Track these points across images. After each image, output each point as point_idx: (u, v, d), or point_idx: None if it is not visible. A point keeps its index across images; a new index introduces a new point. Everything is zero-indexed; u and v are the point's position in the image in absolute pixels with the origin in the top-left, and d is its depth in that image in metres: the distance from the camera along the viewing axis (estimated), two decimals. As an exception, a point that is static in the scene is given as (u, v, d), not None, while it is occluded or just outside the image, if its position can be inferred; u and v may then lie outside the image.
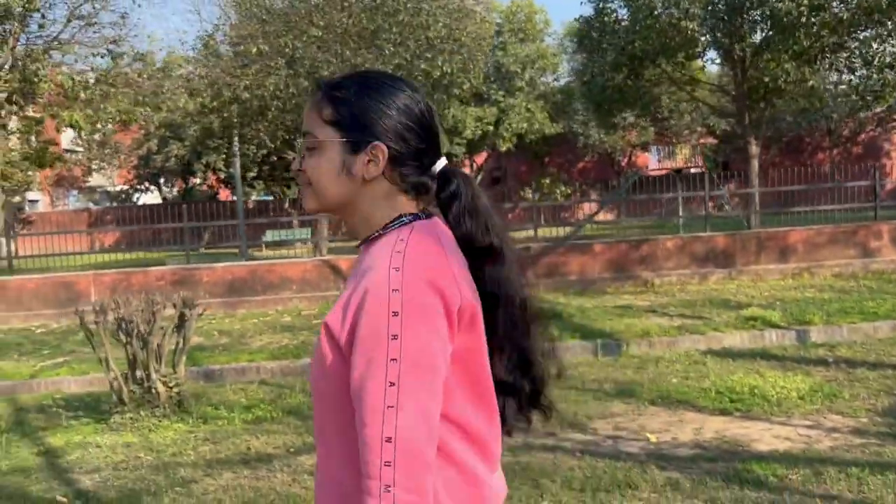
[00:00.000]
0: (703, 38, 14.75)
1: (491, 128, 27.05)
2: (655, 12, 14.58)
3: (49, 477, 4.96)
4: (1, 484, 4.87)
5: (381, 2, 13.20)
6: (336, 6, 13.50)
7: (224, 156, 25.32)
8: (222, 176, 25.86)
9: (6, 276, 12.70)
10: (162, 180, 30.74)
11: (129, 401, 5.95)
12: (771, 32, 14.55)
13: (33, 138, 17.19)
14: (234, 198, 30.61)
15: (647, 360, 7.62)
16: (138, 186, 31.96)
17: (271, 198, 29.82)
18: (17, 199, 31.51)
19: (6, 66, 14.44)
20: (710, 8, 14.47)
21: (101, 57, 15.47)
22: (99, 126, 15.56)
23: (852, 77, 14.90)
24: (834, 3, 13.26)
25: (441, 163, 1.33)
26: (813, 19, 13.29)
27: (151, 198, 33.67)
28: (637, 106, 17.56)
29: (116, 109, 15.11)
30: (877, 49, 14.01)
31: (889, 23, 14.12)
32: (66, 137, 26.42)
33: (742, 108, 16.23)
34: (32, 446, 5.70)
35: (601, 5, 16.78)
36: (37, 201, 33.28)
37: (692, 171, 29.82)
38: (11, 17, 14.42)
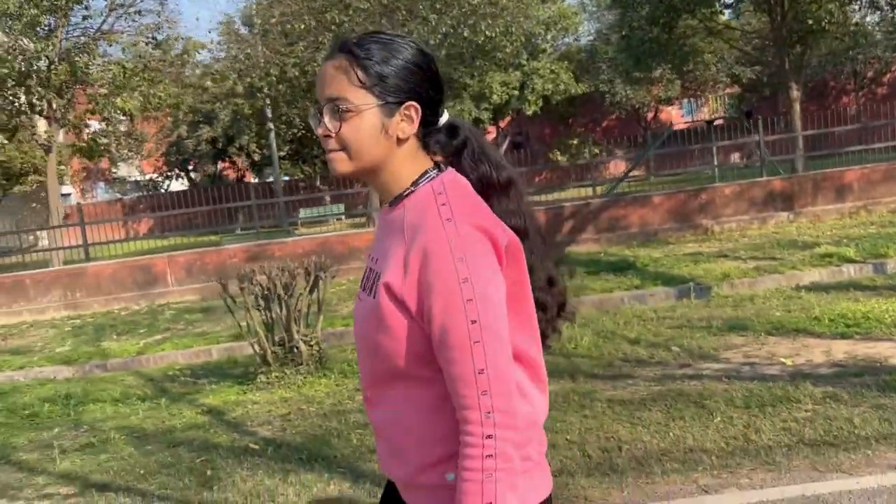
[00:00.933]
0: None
1: (516, 92, 27.13)
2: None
3: (226, 430, 5.32)
4: (186, 437, 5.23)
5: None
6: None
7: (256, 137, 25.55)
8: (256, 158, 26.12)
9: (83, 263, 13.06)
10: (191, 166, 31.02)
11: (272, 361, 6.29)
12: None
13: (83, 131, 17.49)
14: (262, 180, 30.94)
15: (741, 299, 7.89)
16: (168, 173, 32.27)
17: (287, 178, 29.96)
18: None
19: (56, 60, 14.69)
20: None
21: (146, 44, 15.68)
22: (149, 112, 15.83)
23: (893, 15, 14.93)
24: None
25: (445, 115, 1.41)
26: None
27: (178, 185, 34.00)
28: (676, 58, 17.63)
29: (167, 94, 15.37)
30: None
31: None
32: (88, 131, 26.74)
33: (781, 54, 16.30)
34: (191, 408, 6.06)
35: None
36: (69, 195, 33.65)
37: (722, 121, 29.83)
38: (58, 9, 14.64)
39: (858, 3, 15.07)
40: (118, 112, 15.24)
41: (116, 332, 10.38)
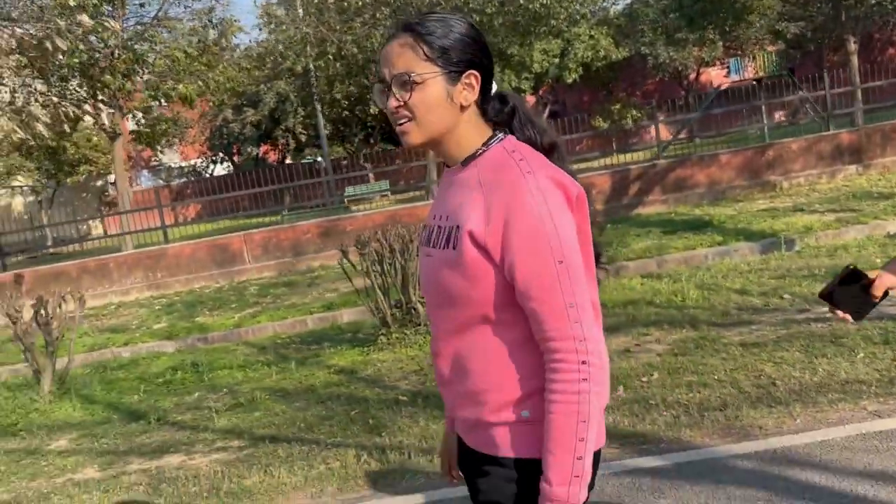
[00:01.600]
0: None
1: (556, 60, 27.03)
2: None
3: (366, 386, 5.59)
4: (329, 394, 5.52)
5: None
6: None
7: (303, 118, 25.79)
8: (303, 139, 26.40)
9: (161, 245, 13.46)
10: (234, 150, 31.43)
11: (391, 323, 6.55)
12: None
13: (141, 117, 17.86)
14: (300, 160, 31.28)
15: (834, 249, 7.99)
16: (214, 158, 32.72)
17: (330, 158, 30.15)
18: (100, 182, 32.56)
19: (118, 48, 15.00)
20: None
21: (203, 28, 15.93)
22: (210, 97, 16.12)
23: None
24: None
25: (495, 85, 1.52)
26: None
27: (221, 170, 34.46)
28: (728, 16, 17.50)
29: (226, 77, 15.65)
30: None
31: None
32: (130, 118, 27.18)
33: (837, 7, 16.11)
34: (321, 369, 6.35)
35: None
36: (114, 183, 34.28)
37: (763, 80, 29.47)
38: (115, -1, 14.93)
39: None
40: (179, 98, 15.54)
41: (207, 308, 10.74)
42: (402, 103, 1.42)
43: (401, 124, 1.44)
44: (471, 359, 1.45)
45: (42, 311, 6.32)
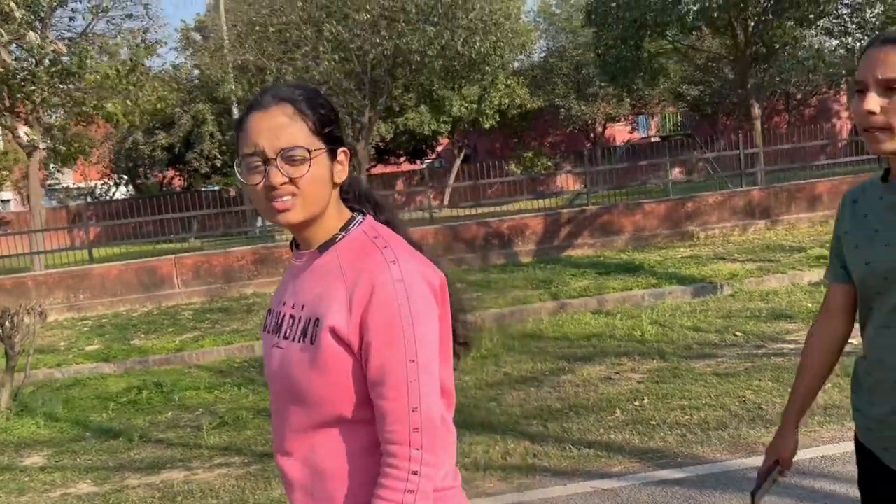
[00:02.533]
0: (713, 6, 15.87)
1: (475, 105, 27.87)
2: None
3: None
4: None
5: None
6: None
7: (218, 143, 25.45)
8: (218, 164, 25.95)
9: (87, 265, 12.95)
10: (139, 173, 30.48)
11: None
12: (775, 0, 15.85)
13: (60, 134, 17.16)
14: (206, 188, 30.63)
15: (765, 293, 8.68)
16: (118, 180, 31.60)
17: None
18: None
19: (46, 61, 14.51)
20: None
21: (138, 46, 15.61)
22: (133, 118, 15.70)
23: (845, 39, 16.35)
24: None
25: None
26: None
27: (120, 193, 33.28)
28: (647, 75, 18.69)
29: (157, 97, 15.34)
30: (870, 13, 15.46)
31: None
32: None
33: (744, 74, 17.51)
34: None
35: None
36: (9, 201, 32.50)
37: (660, 139, 31.35)
38: (42, 9, 14.50)
39: (815, 28, 16.40)
40: (104, 117, 15.11)
41: (141, 331, 10.44)
42: (287, 180, 1.32)
43: (281, 200, 1.33)
44: (328, 459, 1.36)
45: (7, 323, 6.07)
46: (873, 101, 1.51)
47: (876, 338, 1.66)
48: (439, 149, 36.57)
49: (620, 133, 34.49)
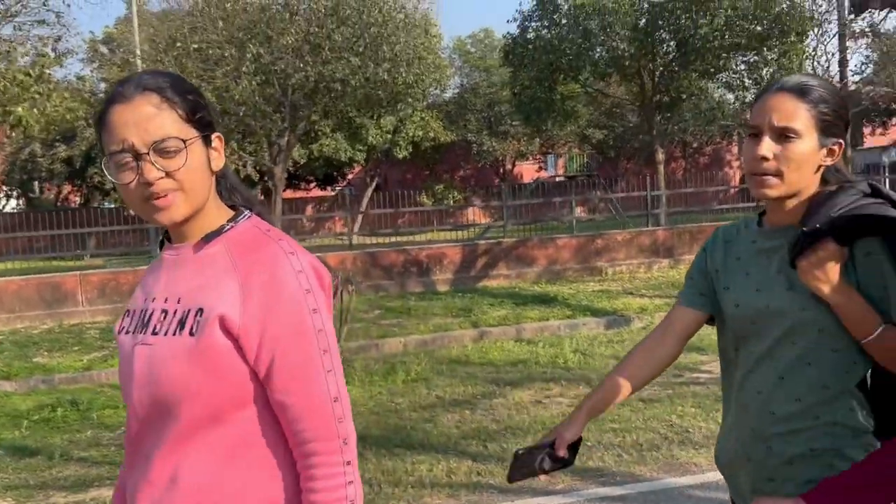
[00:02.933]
0: (624, 54, 16.71)
1: (390, 136, 28.10)
2: (577, 30, 16.53)
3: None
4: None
5: (361, 14, 14.03)
6: (311, 16, 14.16)
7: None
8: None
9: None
10: (36, 186, 29.06)
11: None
12: (682, 52, 16.83)
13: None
14: (100, 205, 29.53)
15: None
16: (8, 193, 29.99)
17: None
18: None
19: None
20: (631, 30, 16.52)
21: (43, 56, 15.00)
22: (41, 126, 15.04)
23: (742, 93, 17.51)
24: (740, 25, 15.74)
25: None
26: (719, 42, 15.74)
27: (12, 207, 31.60)
28: (560, 116, 19.39)
29: (66, 108, 14.76)
30: (766, 70, 16.65)
31: (769, 51, 16.83)
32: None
33: (650, 121, 18.44)
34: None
35: (525, 24, 18.49)
36: None
37: (564, 178, 32.42)
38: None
39: (716, 81, 17.52)
40: (15, 122, 14.41)
41: (43, 349, 9.96)
42: (163, 174, 1.23)
43: (161, 197, 1.24)
44: (198, 472, 1.24)
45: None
46: (766, 147, 1.53)
47: (744, 382, 1.63)
48: (350, 176, 36.57)
49: (528, 171, 35.44)
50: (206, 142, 1.29)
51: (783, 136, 1.52)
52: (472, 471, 4.42)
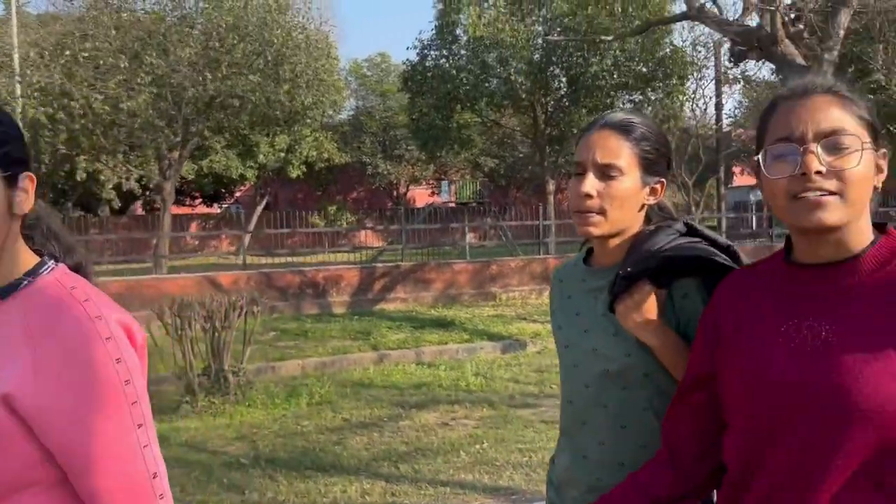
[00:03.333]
0: (520, 87, 17.32)
1: (283, 155, 27.77)
2: (475, 61, 17.02)
3: (190, 452, 5.49)
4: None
5: (262, 31, 13.93)
6: (211, 30, 13.96)
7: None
8: None
9: None
10: None
11: (199, 390, 6.46)
12: (573, 89, 17.61)
13: None
14: None
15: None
16: None
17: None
18: None
19: None
20: (527, 64, 17.16)
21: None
22: None
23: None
24: (629, 66, 16.63)
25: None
26: (608, 80, 16.58)
27: None
28: (456, 144, 19.79)
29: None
30: (650, 110, 17.64)
31: (653, 92, 17.88)
32: None
33: (542, 152, 19.13)
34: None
35: (424, 52, 18.86)
36: None
37: (454, 204, 33.01)
38: None
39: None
40: None
41: None
42: None
43: None
44: None
45: None
46: (590, 185, 1.49)
47: (582, 428, 1.57)
48: (238, 194, 35.81)
49: (421, 196, 35.81)
50: (10, 182, 1.12)
51: (606, 173, 1.50)
52: (386, 491, 4.48)
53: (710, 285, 1.42)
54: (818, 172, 1.10)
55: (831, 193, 1.10)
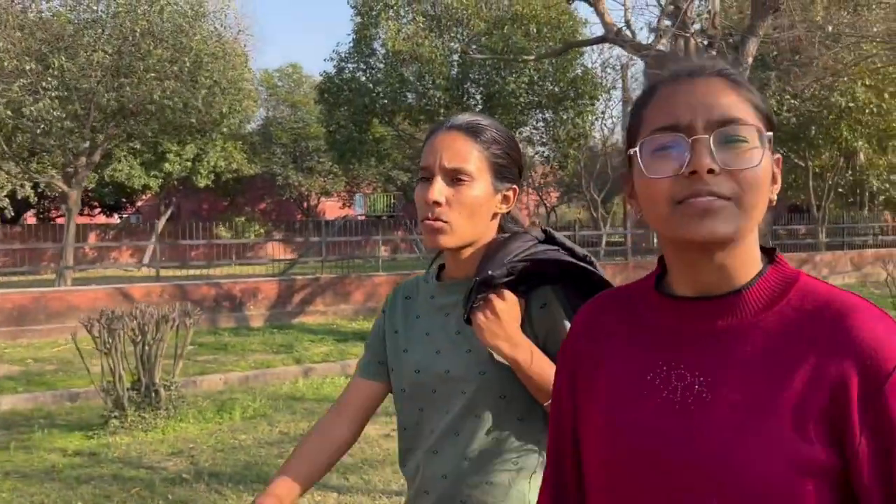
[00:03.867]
0: (438, 102, 17.53)
1: (189, 164, 27.07)
2: (393, 75, 17.13)
3: (125, 468, 5.31)
4: (87, 474, 5.12)
5: (178, 36, 13.61)
6: (125, 34, 13.56)
7: None
8: None
9: None
10: None
11: (128, 405, 6.24)
12: (489, 105, 17.98)
13: None
14: None
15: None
16: None
17: None
18: None
19: None
20: (444, 79, 17.42)
21: None
22: None
23: (541, 148, 18.98)
24: (543, 84, 17.11)
25: None
26: (524, 98, 17.03)
27: None
28: (375, 157, 19.81)
29: None
30: (562, 129, 18.22)
31: (564, 111, 18.46)
32: None
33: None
34: (48, 452, 5.74)
35: (342, 65, 18.85)
36: None
37: (365, 217, 32.95)
38: None
39: (519, 136, 18.89)
40: None
41: None
42: None
43: None
44: None
45: None
46: (438, 191, 1.36)
47: (425, 464, 1.43)
48: (140, 203, 34.58)
49: (331, 208, 35.54)
50: None
51: (455, 178, 1.36)
52: (340, 502, 4.48)
53: (572, 294, 1.35)
54: (710, 171, 0.87)
55: (725, 198, 0.87)
